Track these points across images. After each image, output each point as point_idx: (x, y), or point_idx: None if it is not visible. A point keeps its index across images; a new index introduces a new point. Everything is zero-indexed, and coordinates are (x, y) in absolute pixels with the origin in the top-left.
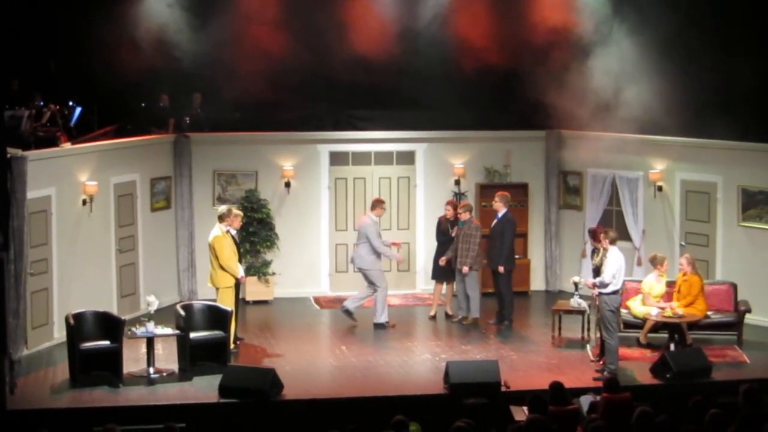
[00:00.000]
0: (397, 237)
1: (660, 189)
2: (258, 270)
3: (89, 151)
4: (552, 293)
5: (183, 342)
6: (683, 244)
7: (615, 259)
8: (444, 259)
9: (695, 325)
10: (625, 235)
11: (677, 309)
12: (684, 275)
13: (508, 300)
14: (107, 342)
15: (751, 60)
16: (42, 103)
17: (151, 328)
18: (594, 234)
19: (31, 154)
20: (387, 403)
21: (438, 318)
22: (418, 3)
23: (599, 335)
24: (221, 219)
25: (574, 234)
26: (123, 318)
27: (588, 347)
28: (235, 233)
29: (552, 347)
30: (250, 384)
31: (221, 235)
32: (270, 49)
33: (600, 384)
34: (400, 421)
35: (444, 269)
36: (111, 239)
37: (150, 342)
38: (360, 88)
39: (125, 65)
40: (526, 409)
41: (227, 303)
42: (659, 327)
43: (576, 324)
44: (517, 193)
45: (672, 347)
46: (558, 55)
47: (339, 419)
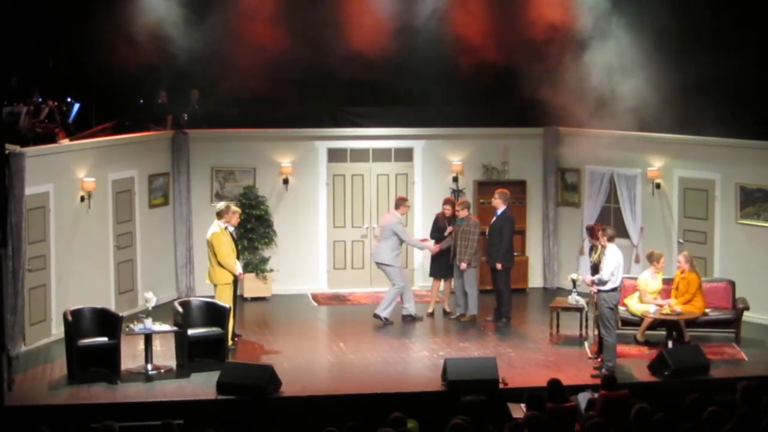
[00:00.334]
0: None
1: (658, 186)
2: (256, 267)
3: (87, 148)
4: (550, 290)
5: (181, 339)
6: (681, 241)
7: (613, 257)
8: (437, 247)
9: (693, 323)
10: (623, 233)
11: (675, 306)
12: (682, 273)
13: (506, 297)
14: (105, 338)
15: (749, 57)
16: (40, 100)
17: (149, 324)
18: (592, 231)
19: (29, 150)
20: (385, 400)
21: (436, 315)
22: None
23: (597, 332)
24: (219, 216)
25: (572, 231)
26: (121, 314)
27: (586, 344)
28: (233, 230)
29: (550, 344)
30: (247, 381)
31: (219, 232)
32: (268, 46)
33: (598, 381)
34: (397, 418)
35: (441, 267)
36: (109, 236)
37: (148, 338)
38: (358, 84)
39: (123, 62)
40: (524, 407)
41: (225, 300)
42: (657, 324)
43: (574, 321)
44: (515, 190)
45: (670, 345)
46: (556, 52)
47: (337, 416)
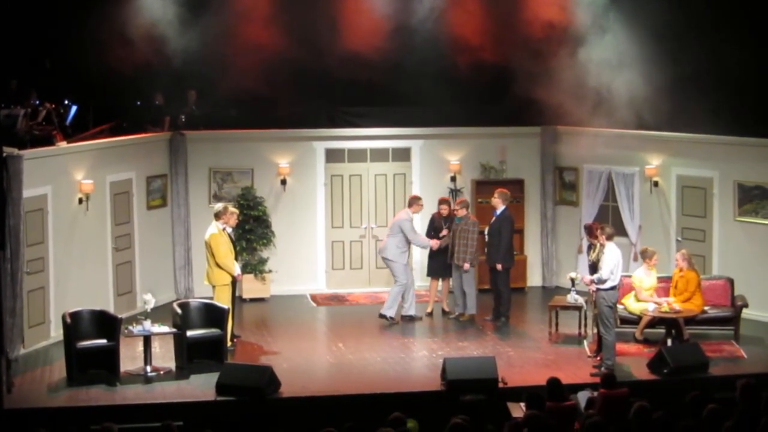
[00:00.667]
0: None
1: (656, 184)
2: (254, 267)
3: (85, 150)
4: (549, 289)
5: (180, 340)
6: (680, 239)
7: (612, 255)
8: (436, 242)
9: (692, 321)
10: (622, 231)
11: (674, 304)
12: (680, 271)
13: (506, 297)
14: (104, 340)
15: (748, 54)
16: (37, 102)
17: (148, 326)
18: (590, 230)
19: (27, 152)
20: (384, 400)
21: (435, 315)
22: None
23: (596, 331)
24: (217, 217)
25: (570, 230)
26: (120, 316)
27: (585, 343)
28: (232, 231)
29: (549, 343)
30: (247, 382)
31: (217, 233)
32: (265, 46)
33: (597, 380)
34: (397, 418)
35: (439, 266)
36: (107, 237)
37: (147, 340)
38: (355, 85)
39: (120, 63)
40: (523, 406)
41: (224, 301)
42: (656, 322)
43: (573, 320)
44: (513, 190)
45: (669, 342)
46: (553, 50)
47: (336, 416)
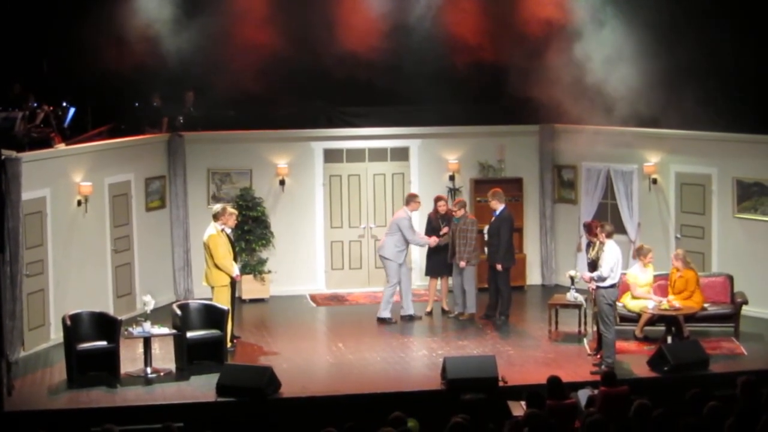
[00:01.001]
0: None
1: (655, 182)
2: (254, 268)
3: (83, 152)
4: (548, 288)
5: (180, 341)
6: (678, 236)
7: (612, 253)
8: (434, 240)
9: (692, 318)
10: (621, 229)
11: (674, 301)
12: (678, 271)
13: (506, 297)
14: (104, 342)
15: (747, 52)
16: (35, 104)
17: (148, 327)
18: (589, 228)
19: (26, 155)
20: (384, 400)
21: (434, 314)
22: None
23: (596, 329)
24: (216, 218)
25: (569, 228)
26: (119, 318)
27: (585, 341)
28: (230, 232)
29: (549, 342)
30: (247, 382)
31: (216, 234)
32: (262, 47)
33: (597, 378)
34: (397, 418)
35: (438, 265)
36: (106, 239)
37: (147, 342)
38: (353, 84)
39: (118, 65)
40: (523, 404)
41: (223, 302)
42: (656, 320)
43: (573, 318)
44: (512, 188)
45: (669, 340)
46: (550, 48)
47: (336, 416)
